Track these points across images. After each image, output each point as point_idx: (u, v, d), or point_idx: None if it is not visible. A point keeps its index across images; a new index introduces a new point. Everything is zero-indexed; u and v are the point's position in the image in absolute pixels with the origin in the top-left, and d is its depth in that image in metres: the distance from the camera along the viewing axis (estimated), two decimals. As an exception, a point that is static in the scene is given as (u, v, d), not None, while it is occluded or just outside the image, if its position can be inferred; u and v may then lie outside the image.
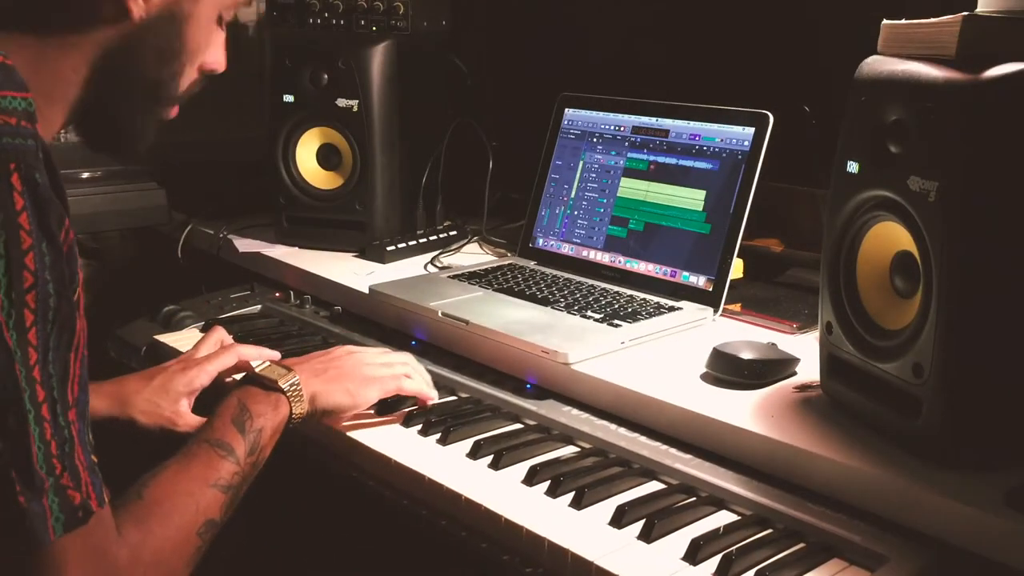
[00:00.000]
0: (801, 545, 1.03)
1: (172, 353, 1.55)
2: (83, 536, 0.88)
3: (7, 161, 0.83)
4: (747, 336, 1.42)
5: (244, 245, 1.98)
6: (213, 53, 1.08)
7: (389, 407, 1.34)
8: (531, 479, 1.16)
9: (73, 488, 0.87)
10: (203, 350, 1.45)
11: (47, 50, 0.96)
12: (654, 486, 1.16)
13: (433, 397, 1.35)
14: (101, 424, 1.36)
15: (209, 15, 1.04)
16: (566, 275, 1.69)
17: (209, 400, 1.36)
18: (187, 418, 1.38)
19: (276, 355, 1.47)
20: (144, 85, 1.02)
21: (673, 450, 1.20)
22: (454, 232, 1.99)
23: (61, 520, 0.86)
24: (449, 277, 1.69)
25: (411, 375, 1.33)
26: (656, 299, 1.55)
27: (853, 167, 1.12)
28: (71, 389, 0.89)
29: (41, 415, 0.85)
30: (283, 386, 1.18)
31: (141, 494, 1.00)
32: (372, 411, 1.32)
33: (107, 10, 0.96)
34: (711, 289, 1.54)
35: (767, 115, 1.54)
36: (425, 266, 1.85)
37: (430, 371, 1.46)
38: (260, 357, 1.45)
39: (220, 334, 1.50)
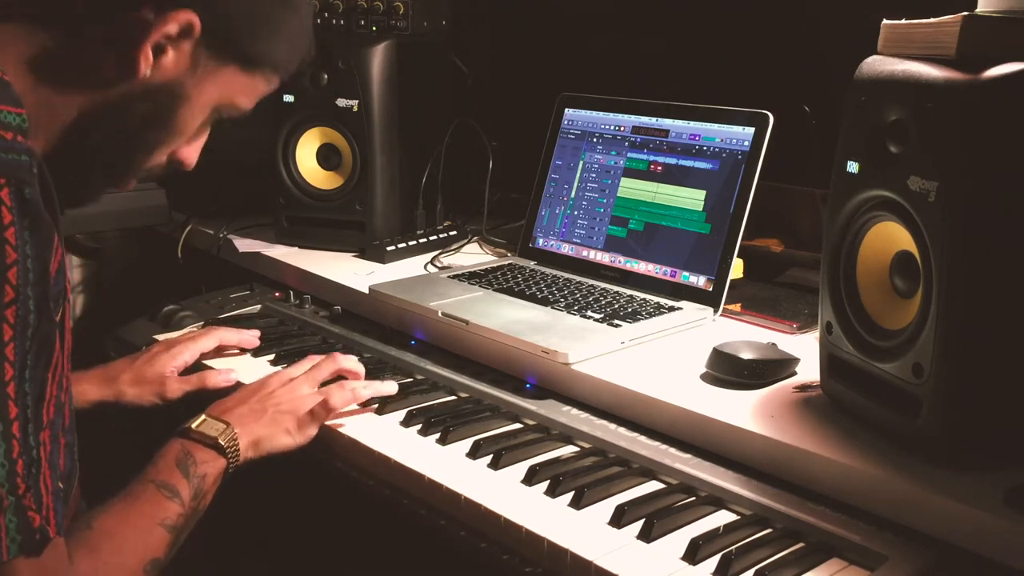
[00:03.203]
0: (800, 545, 1.03)
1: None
2: (36, 562, 0.87)
3: None
4: (747, 336, 1.41)
5: (244, 245, 1.98)
6: (190, 148, 1.09)
7: None
8: (530, 479, 1.16)
9: (34, 510, 0.86)
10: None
11: (47, 81, 0.95)
12: (653, 486, 1.16)
13: (362, 398, 1.34)
14: (93, 410, 1.39)
15: (205, 105, 1.04)
16: (566, 275, 1.69)
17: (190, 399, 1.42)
18: (175, 383, 1.43)
19: (256, 333, 1.59)
20: (119, 144, 1.02)
21: (673, 450, 1.20)
22: (454, 232, 1.99)
23: (17, 541, 0.85)
24: (449, 277, 1.69)
25: (341, 388, 1.33)
26: (656, 299, 1.55)
27: (853, 167, 1.12)
28: (46, 410, 0.88)
29: (10, 432, 0.84)
30: (222, 442, 1.19)
31: (91, 524, 0.99)
32: None
33: (114, 68, 0.96)
34: (711, 289, 1.54)
35: (767, 115, 1.54)
36: (425, 266, 1.85)
37: (430, 371, 1.46)
38: (239, 339, 1.57)
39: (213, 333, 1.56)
